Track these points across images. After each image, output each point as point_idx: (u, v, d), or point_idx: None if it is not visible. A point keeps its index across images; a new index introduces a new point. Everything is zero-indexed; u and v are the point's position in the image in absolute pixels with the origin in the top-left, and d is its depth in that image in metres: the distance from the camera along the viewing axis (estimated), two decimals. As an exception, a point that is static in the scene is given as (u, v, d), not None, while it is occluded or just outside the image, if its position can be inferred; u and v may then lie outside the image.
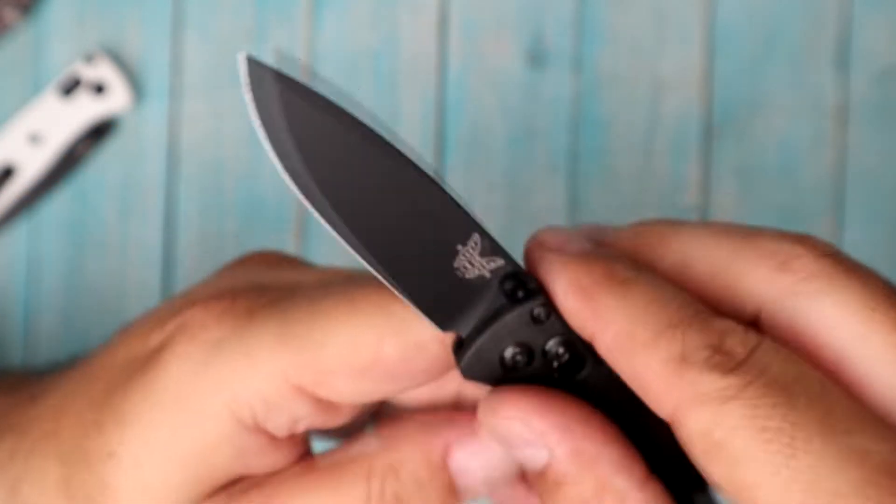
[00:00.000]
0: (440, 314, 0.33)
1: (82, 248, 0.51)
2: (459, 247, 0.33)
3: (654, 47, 0.52)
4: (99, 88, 0.50)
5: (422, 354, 0.34)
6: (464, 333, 0.33)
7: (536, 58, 0.52)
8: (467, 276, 0.33)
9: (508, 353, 0.33)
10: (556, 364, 0.33)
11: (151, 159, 0.51)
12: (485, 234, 0.33)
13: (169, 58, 0.52)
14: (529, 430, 0.33)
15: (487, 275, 0.33)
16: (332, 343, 0.34)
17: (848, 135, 0.53)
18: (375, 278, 0.33)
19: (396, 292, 0.32)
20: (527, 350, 0.33)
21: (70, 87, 0.50)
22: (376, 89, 0.52)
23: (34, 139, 0.50)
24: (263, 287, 0.37)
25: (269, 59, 0.31)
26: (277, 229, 0.51)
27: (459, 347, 0.33)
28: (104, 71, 0.50)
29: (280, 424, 0.35)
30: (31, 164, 0.50)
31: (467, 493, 0.36)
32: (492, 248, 0.33)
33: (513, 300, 0.33)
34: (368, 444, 0.36)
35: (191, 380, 0.35)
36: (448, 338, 0.33)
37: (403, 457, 0.35)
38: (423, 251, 0.32)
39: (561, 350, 0.33)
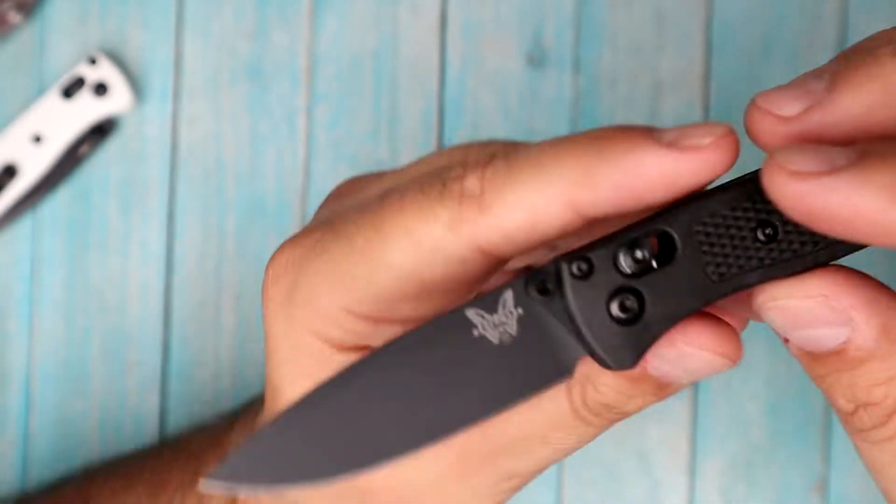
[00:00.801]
0: (558, 374, 0.32)
1: (84, 248, 0.52)
2: (475, 332, 0.32)
3: (653, 47, 0.53)
4: (101, 89, 0.51)
5: (465, 266, 0.32)
6: (582, 352, 0.32)
7: (536, 58, 0.52)
8: (511, 331, 0.32)
9: (614, 310, 0.31)
10: (654, 263, 0.31)
11: (152, 159, 0.52)
12: (469, 304, 0.32)
13: (170, 58, 0.52)
14: (830, 309, 0.31)
15: (516, 310, 0.32)
16: (378, 280, 0.33)
17: (847, 135, 0.53)
18: (407, 190, 0.32)
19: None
20: (616, 291, 0.31)
21: (72, 88, 0.51)
22: (376, 89, 0.52)
23: (37, 139, 0.51)
24: (330, 222, 0.36)
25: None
26: (277, 229, 0.52)
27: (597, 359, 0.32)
28: (106, 71, 0.51)
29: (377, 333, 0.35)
30: (34, 164, 0.51)
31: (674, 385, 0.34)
32: (486, 302, 0.31)
33: (553, 288, 0.31)
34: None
35: (281, 324, 0.35)
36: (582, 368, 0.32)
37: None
38: (480, 367, 0.32)
39: (640, 255, 0.31)
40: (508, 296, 0.31)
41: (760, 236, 0.31)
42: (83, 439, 0.52)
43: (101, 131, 0.51)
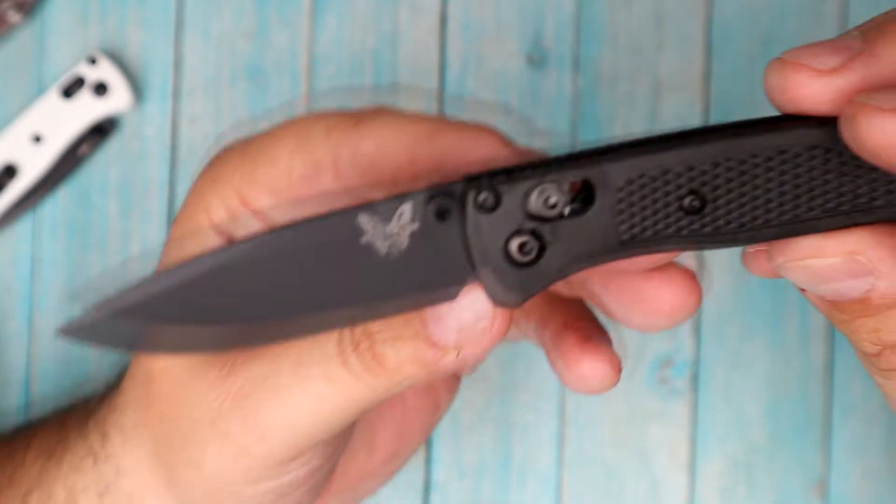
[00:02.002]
0: (447, 286, 0.31)
1: (84, 248, 0.52)
2: (363, 238, 0.30)
3: (653, 47, 0.53)
4: (101, 89, 0.51)
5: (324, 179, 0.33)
6: (470, 277, 0.30)
7: (536, 58, 0.53)
8: (401, 245, 0.30)
9: (512, 249, 0.30)
10: (567, 210, 0.30)
11: (152, 159, 0.52)
12: (365, 209, 0.30)
13: (170, 58, 0.52)
14: (856, 264, 0.30)
15: (412, 226, 0.30)
16: (276, 182, 0.34)
17: (847, 135, 0.53)
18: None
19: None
20: (519, 232, 0.30)
21: (72, 88, 0.51)
22: (376, 89, 0.52)
23: (36, 139, 0.51)
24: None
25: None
26: (278, 229, 0.52)
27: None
28: (106, 71, 0.51)
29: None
30: (34, 164, 0.51)
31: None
32: (382, 210, 0.30)
33: (455, 213, 0.30)
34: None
35: (188, 203, 0.37)
36: (475, 292, 0.31)
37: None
38: (353, 277, 0.30)
39: (553, 200, 0.29)
40: (407, 209, 0.30)
41: (685, 205, 0.29)
42: (83, 439, 0.52)
43: (101, 131, 0.51)
